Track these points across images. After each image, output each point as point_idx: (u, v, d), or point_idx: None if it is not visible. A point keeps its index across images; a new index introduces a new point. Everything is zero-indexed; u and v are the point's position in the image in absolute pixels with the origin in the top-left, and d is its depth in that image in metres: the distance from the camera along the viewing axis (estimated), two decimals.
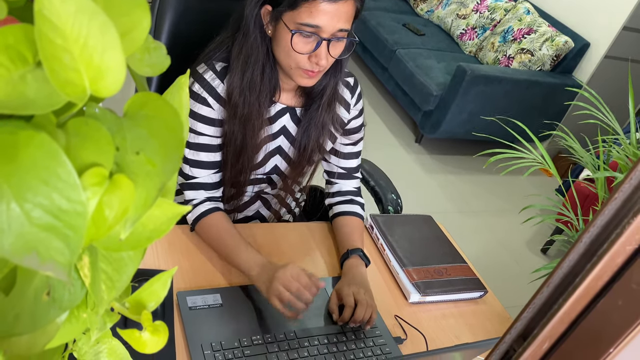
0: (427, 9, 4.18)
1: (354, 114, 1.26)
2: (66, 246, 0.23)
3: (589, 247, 0.46)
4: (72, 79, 0.24)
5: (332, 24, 0.99)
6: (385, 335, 1.07)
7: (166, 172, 0.28)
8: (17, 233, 0.22)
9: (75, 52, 0.23)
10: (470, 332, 1.16)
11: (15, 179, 0.22)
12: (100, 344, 0.46)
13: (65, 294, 0.28)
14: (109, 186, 0.25)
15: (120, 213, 0.26)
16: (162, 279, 0.37)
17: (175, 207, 0.32)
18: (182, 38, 1.28)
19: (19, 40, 0.24)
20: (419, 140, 3.48)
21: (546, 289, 0.49)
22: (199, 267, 1.10)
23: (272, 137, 1.20)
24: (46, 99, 0.23)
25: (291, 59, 1.03)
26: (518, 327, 0.52)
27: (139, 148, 0.28)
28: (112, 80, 0.25)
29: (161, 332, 0.35)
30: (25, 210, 0.22)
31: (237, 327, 0.99)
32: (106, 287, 0.30)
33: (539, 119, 3.35)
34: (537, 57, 3.30)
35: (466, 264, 1.29)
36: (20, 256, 0.22)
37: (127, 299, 0.36)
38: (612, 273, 0.44)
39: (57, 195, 0.23)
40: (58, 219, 0.23)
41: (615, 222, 0.44)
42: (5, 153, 0.22)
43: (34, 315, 0.26)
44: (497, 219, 3.07)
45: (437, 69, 3.36)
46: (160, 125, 0.29)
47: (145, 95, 0.30)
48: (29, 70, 0.24)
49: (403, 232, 1.32)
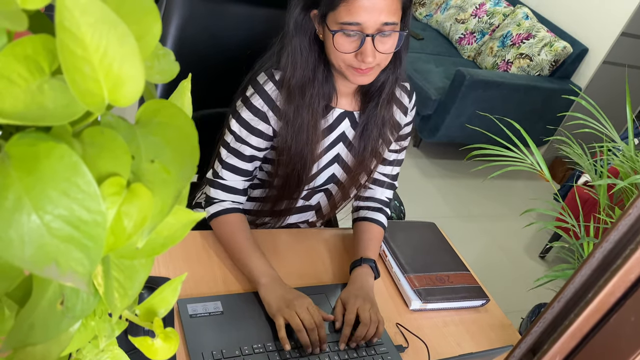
0: (426, 13, 4.19)
1: (409, 120, 1.24)
2: (86, 256, 0.23)
3: (601, 262, 0.45)
4: (92, 88, 0.24)
5: (373, 19, 0.96)
6: (387, 344, 1.06)
7: (181, 180, 0.28)
8: (37, 244, 0.22)
9: (95, 62, 0.23)
10: (472, 340, 1.16)
11: (36, 191, 0.22)
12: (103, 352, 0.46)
13: (79, 303, 0.28)
14: (127, 195, 0.26)
15: (138, 222, 0.26)
16: (172, 286, 0.37)
17: (189, 214, 0.32)
18: (188, 43, 1.28)
19: (37, 50, 0.23)
20: (418, 144, 3.48)
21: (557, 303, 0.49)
22: (200, 274, 1.09)
23: (331, 146, 1.18)
24: (64, 109, 0.23)
25: (339, 58, 1.01)
26: (528, 341, 0.52)
27: (154, 156, 0.28)
28: (131, 90, 0.25)
29: (172, 338, 0.35)
30: (45, 221, 0.22)
31: (238, 335, 0.98)
32: (119, 295, 0.31)
33: (538, 123, 3.35)
34: (536, 62, 3.30)
35: (468, 272, 1.29)
36: (40, 267, 0.23)
37: (138, 307, 0.37)
38: (625, 289, 0.44)
39: (77, 206, 0.23)
40: (78, 229, 0.23)
41: (629, 237, 0.43)
42: (25, 165, 0.22)
43: (48, 325, 0.27)
44: (495, 224, 3.07)
45: (436, 73, 3.36)
46: (174, 132, 0.29)
47: (158, 102, 0.29)
48: (45, 80, 0.24)
49: (405, 239, 1.31)
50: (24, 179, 0.22)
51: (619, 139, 1.83)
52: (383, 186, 1.30)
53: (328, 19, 0.98)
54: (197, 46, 1.18)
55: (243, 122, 1.10)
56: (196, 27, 1.28)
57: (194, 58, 1.12)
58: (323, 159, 1.18)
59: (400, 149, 1.27)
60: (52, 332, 0.26)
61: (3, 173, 0.22)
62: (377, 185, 1.30)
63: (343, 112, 1.15)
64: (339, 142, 1.18)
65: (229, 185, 1.14)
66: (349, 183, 1.23)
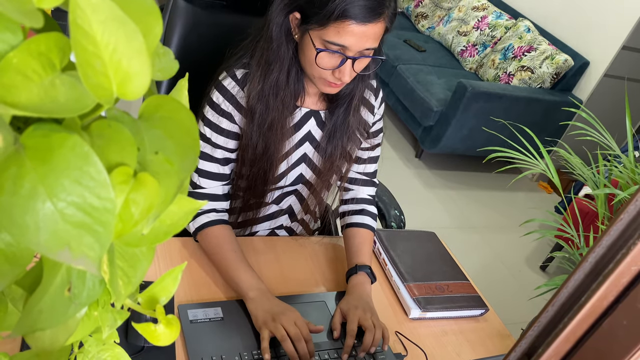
0: (429, 25, 4.22)
1: (377, 118, 1.25)
2: (96, 241, 0.25)
3: (594, 267, 0.46)
4: (102, 83, 0.25)
5: (359, 44, 0.98)
6: (386, 352, 1.07)
7: (184, 171, 0.30)
8: (51, 230, 0.24)
9: (105, 58, 0.25)
10: (471, 349, 1.16)
11: (50, 179, 0.24)
12: (104, 350, 0.47)
13: (85, 290, 0.29)
14: (134, 184, 0.27)
15: (145, 209, 0.27)
16: (173, 275, 0.39)
17: (191, 203, 0.34)
18: (191, 51, 1.29)
19: (50, 47, 0.25)
20: (419, 155, 3.49)
21: (551, 307, 0.49)
22: (200, 280, 1.09)
23: (298, 145, 1.18)
24: (75, 103, 0.25)
25: (315, 70, 1.03)
26: (523, 345, 0.52)
27: (157, 148, 0.29)
28: (138, 84, 0.26)
29: (174, 325, 0.37)
30: (58, 208, 0.24)
31: (238, 341, 0.98)
32: (123, 283, 0.32)
33: (539, 135, 3.35)
34: (537, 75, 3.32)
35: (468, 281, 1.29)
36: (54, 251, 0.24)
37: (140, 295, 0.38)
38: (617, 293, 0.44)
39: (88, 194, 0.24)
40: (89, 215, 0.24)
41: (621, 242, 0.44)
42: (39, 155, 0.24)
43: (56, 311, 0.28)
44: (496, 235, 3.07)
45: (438, 85, 3.38)
46: (175, 126, 0.31)
47: (160, 98, 0.31)
48: (57, 75, 0.25)
49: (406, 248, 1.32)
50: (39, 168, 0.23)
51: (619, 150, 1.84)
52: (362, 184, 1.30)
53: (313, 32, 0.99)
54: (200, 54, 1.20)
55: (209, 123, 1.11)
56: (199, 36, 1.30)
57: (196, 66, 1.14)
58: (290, 158, 1.18)
59: (373, 146, 1.27)
60: (60, 318, 0.28)
61: (19, 163, 0.23)
62: (356, 185, 1.30)
63: (309, 111, 1.17)
64: (306, 141, 1.19)
65: (209, 194, 1.14)
66: (319, 185, 1.24)
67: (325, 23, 0.96)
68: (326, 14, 0.95)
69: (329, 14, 0.95)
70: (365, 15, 0.95)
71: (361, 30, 0.96)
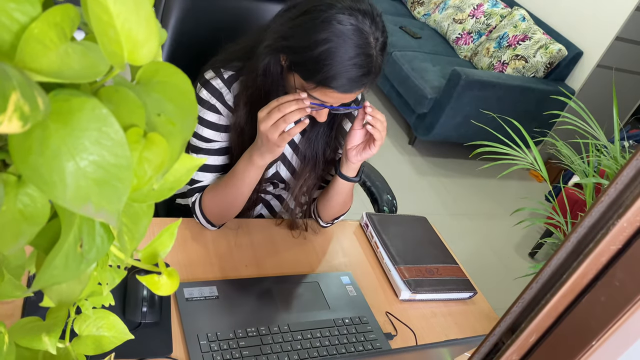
0: (424, 12, 4.22)
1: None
2: (115, 195, 0.27)
3: (576, 246, 0.48)
4: (115, 50, 0.27)
5: (339, 102, 1.03)
6: (376, 331, 1.10)
7: (185, 130, 0.33)
8: (75, 186, 0.26)
9: (117, 27, 0.27)
10: (458, 331, 1.19)
11: (71, 140, 0.26)
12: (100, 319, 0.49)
13: (94, 247, 0.31)
14: (146, 143, 0.29)
15: (157, 166, 0.30)
16: (170, 230, 0.41)
17: (192, 160, 0.37)
18: (187, 35, 1.30)
19: (64, 18, 0.27)
20: (412, 142, 3.51)
21: (535, 284, 0.52)
22: (196, 259, 1.12)
23: None
24: (89, 69, 0.27)
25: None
26: (507, 320, 0.55)
27: (159, 110, 0.32)
28: (147, 50, 0.29)
29: (174, 276, 0.40)
30: (81, 166, 0.26)
31: (232, 319, 1.01)
32: (128, 238, 0.35)
33: (531, 124, 3.39)
34: (531, 64, 3.34)
35: (457, 265, 1.32)
36: (78, 206, 0.26)
37: (142, 251, 0.41)
38: (596, 271, 0.47)
39: (107, 153, 0.26)
40: (108, 172, 0.26)
41: (602, 223, 0.46)
42: (61, 118, 0.26)
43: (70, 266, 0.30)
44: (487, 223, 3.11)
45: (432, 72, 3.39)
46: (173, 89, 0.33)
47: (156, 64, 0.33)
48: (68, 44, 0.27)
49: (397, 232, 1.34)
50: (61, 131, 0.26)
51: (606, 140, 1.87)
52: None
53: (297, 77, 1.01)
54: (197, 39, 1.21)
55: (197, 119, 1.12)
56: (196, 20, 1.30)
57: (193, 50, 1.15)
58: None
59: None
60: (74, 273, 0.30)
61: (43, 126, 0.25)
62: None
63: None
64: None
65: (206, 185, 1.17)
66: (295, 184, 1.23)
67: (312, 82, 0.98)
68: (312, 75, 0.97)
69: (314, 77, 0.97)
70: (349, 87, 0.98)
71: (345, 95, 1.00)
